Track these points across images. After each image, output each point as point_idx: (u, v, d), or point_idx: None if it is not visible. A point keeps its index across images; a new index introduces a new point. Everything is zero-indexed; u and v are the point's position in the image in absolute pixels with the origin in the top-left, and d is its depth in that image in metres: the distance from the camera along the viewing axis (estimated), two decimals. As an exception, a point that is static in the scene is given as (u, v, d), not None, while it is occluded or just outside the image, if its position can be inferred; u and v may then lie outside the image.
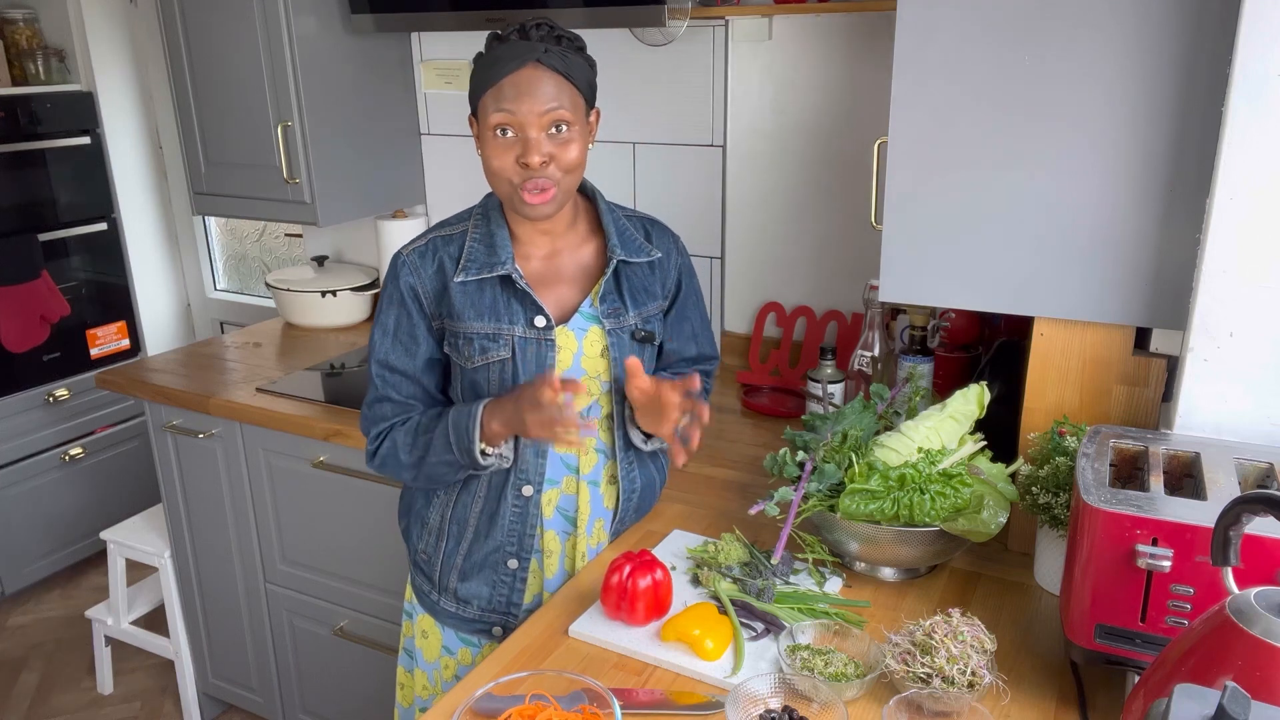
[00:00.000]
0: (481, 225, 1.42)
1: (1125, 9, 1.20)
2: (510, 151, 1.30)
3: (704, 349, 1.58)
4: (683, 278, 1.52)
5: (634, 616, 1.27)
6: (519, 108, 1.28)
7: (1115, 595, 1.04)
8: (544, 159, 1.29)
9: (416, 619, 1.57)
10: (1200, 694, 0.71)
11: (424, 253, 1.41)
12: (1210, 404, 1.21)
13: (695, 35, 2.21)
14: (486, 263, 1.38)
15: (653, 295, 1.47)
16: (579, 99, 1.33)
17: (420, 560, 1.52)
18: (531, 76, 1.28)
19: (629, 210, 1.51)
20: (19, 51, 3.23)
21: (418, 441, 1.40)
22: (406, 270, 1.41)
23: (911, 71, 1.33)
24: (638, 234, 1.46)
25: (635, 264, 1.44)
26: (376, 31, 2.43)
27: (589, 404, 1.44)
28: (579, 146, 1.33)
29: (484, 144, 1.33)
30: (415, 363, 1.42)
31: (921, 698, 1.06)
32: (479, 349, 1.38)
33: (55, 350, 3.27)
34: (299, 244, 3.30)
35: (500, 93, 1.28)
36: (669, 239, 1.51)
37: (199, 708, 2.69)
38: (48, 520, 3.32)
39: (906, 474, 1.31)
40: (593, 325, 1.42)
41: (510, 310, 1.38)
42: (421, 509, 1.51)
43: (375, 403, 1.44)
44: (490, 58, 1.30)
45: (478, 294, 1.38)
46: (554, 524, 1.46)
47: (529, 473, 1.43)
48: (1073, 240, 1.30)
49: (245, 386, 2.30)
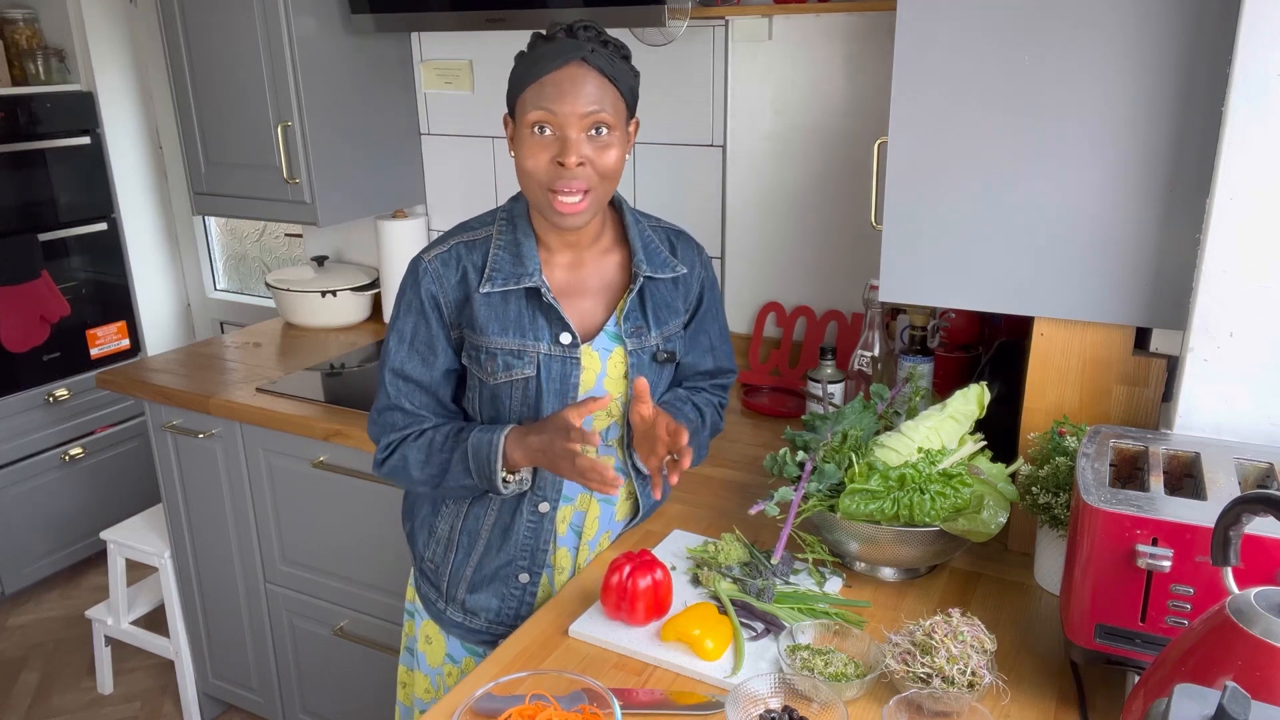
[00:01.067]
0: (507, 232, 1.37)
1: (1125, 9, 1.20)
2: (547, 151, 1.26)
3: (721, 362, 1.55)
4: (705, 291, 1.49)
5: (634, 616, 1.26)
6: (560, 107, 1.23)
7: (1115, 595, 1.04)
8: (581, 160, 1.25)
9: (420, 623, 1.55)
10: (1200, 694, 0.71)
11: (447, 260, 1.36)
12: (1210, 404, 1.21)
13: (695, 35, 2.21)
14: (513, 273, 1.33)
15: (675, 311, 1.44)
16: (621, 104, 1.29)
17: (427, 569, 1.50)
18: (575, 75, 1.24)
19: (655, 220, 1.47)
20: (19, 51, 3.23)
21: (431, 459, 1.36)
22: (429, 278, 1.35)
23: (911, 71, 1.33)
24: (663, 247, 1.43)
25: (660, 279, 1.41)
26: (376, 31, 2.43)
27: (608, 424, 1.42)
28: (618, 153, 1.29)
29: (519, 142, 1.28)
30: (432, 374, 1.38)
31: (921, 698, 1.06)
32: (503, 365, 1.34)
33: (55, 350, 3.27)
34: (299, 244, 3.30)
35: (542, 90, 1.24)
36: (694, 251, 1.48)
37: (199, 708, 2.69)
38: (48, 520, 3.31)
39: (906, 474, 1.31)
40: (616, 346, 1.39)
41: (535, 325, 1.34)
42: (429, 516, 1.49)
43: (386, 410, 1.39)
44: (534, 55, 1.26)
45: (502, 306, 1.34)
46: (566, 540, 1.45)
47: (546, 490, 1.40)
48: (1073, 240, 1.30)
49: (245, 386, 2.30)
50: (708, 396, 1.55)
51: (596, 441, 1.24)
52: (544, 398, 1.35)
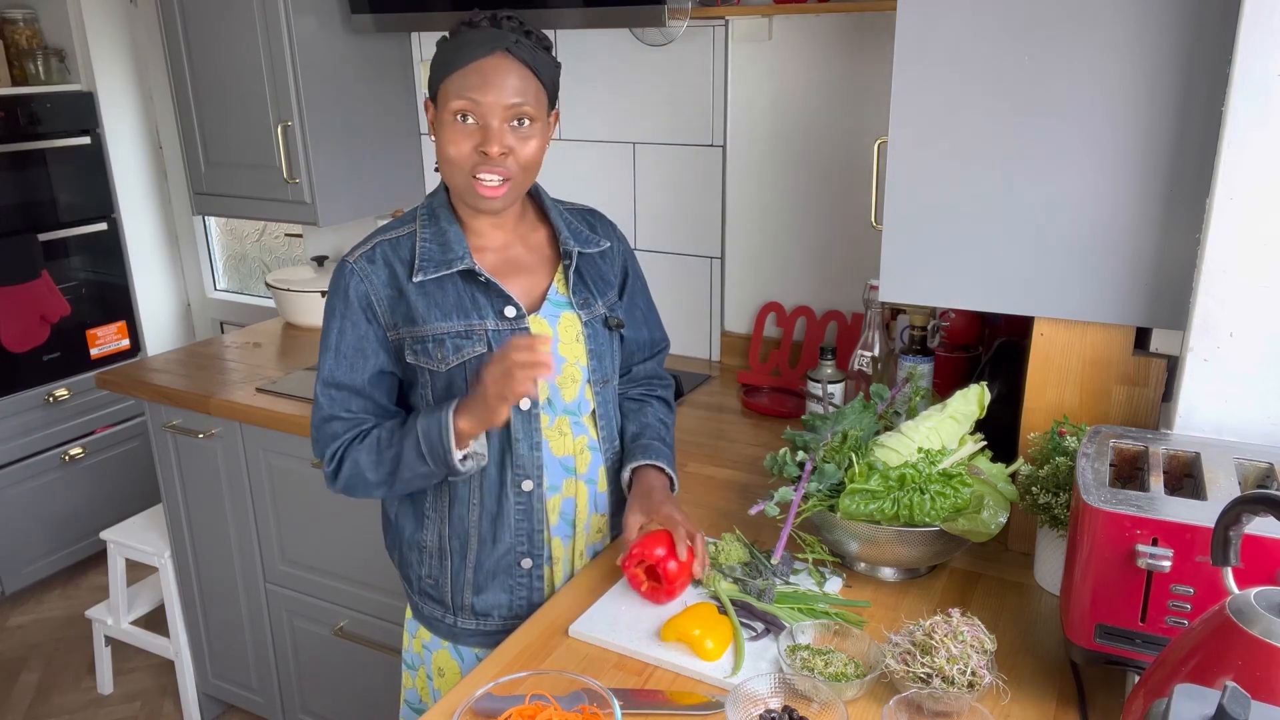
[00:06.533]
0: (430, 224, 1.38)
1: (1126, 9, 1.20)
2: (470, 139, 1.28)
3: (654, 332, 1.60)
4: (628, 263, 1.53)
5: (660, 595, 1.31)
6: (484, 97, 1.25)
7: (1115, 595, 1.04)
8: (504, 150, 1.27)
9: (430, 657, 1.51)
10: (1200, 694, 0.71)
11: (372, 257, 1.35)
12: (1210, 404, 1.21)
13: (695, 35, 2.21)
14: (443, 260, 1.34)
15: (609, 284, 1.48)
16: (543, 95, 1.31)
17: (427, 587, 1.47)
18: (499, 65, 1.26)
19: (567, 203, 1.50)
20: (19, 51, 3.23)
21: (383, 457, 1.34)
22: (356, 278, 1.34)
23: (911, 71, 1.33)
24: (582, 226, 1.46)
25: (588, 254, 1.44)
26: (376, 31, 2.44)
27: (575, 397, 1.43)
28: (539, 143, 1.32)
29: (441, 129, 1.30)
30: (362, 377, 1.36)
31: (921, 698, 1.06)
32: (452, 348, 1.34)
33: (55, 350, 3.27)
34: (299, 244, 3.30)
35: (465, 78, 1.26)
36: (610, 227, 1.52)
37: (199, 708, 2.69)
38: (48, 520, 3.32)
39: (906, 474, 1.31)
40: (564, 311, 1.41)
41: (477, 305, 1.35)
42: (414, 534, 1.45)
43: (324, 423, 1.37)
44: (457, 42, 1.28)
45: (439, 293, 1.34)
46: (559, 530, 1.45)
47: (526, 467, 1.39)
48: (1073, 240, 1.30)
49: (245, 386, 2.30)
50: (656, 409, 1.58)
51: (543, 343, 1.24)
52: None
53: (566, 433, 1.42)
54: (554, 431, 1.41)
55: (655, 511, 1.37)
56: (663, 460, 1.48)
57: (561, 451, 1.42)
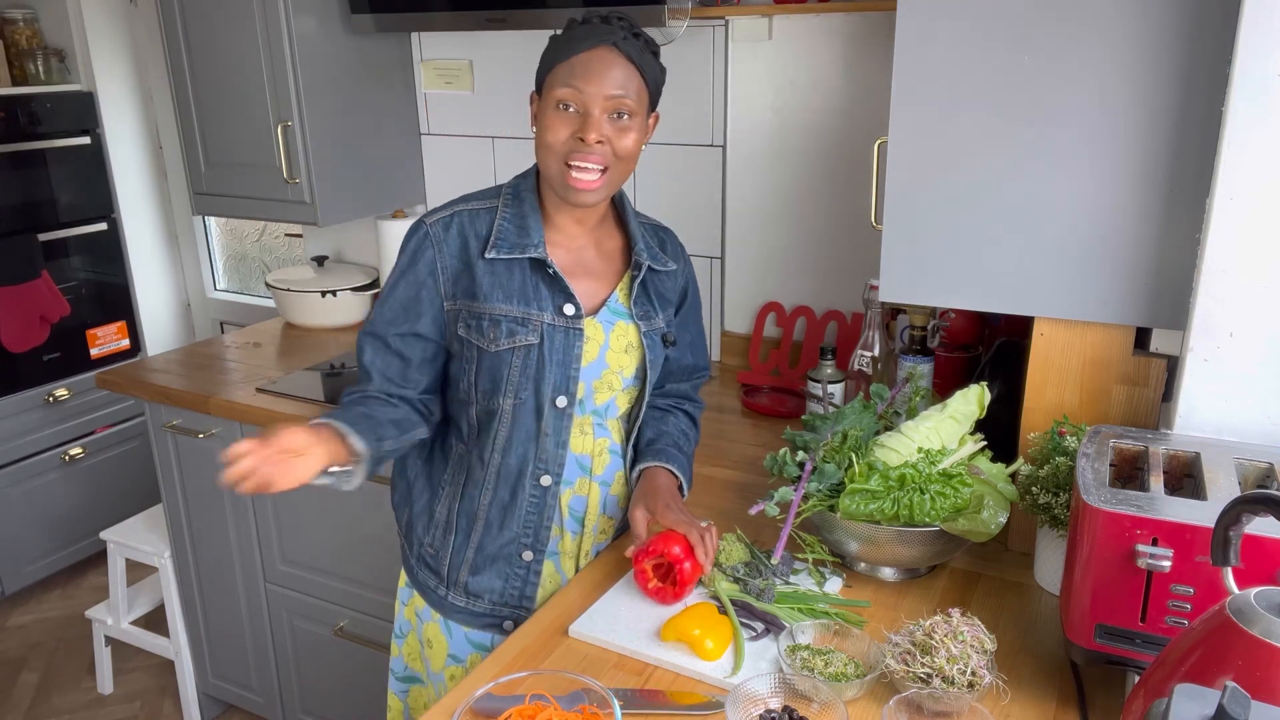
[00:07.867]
0: (513, 205, 1.38)
1: (1126, 9, 1.20)
2: (568, 126, 1.29)
3: (699, 359, 1.60)
4: (689, 288, 1.54)
5: (671, 597, 1.31)
6: (586, 86, 1.27)
7: (1115, 595, 1.04)
8: (601, 139, 1.28)
9: (423, 627, 1.52)
10: (1200, 694, 0.71)
11: (449, 224, 1.37)
12: (1210, 404, 1.21)
13: (695, 35, 2.21)
14: (518, 243, 1.35)
15: (669, 302, 1.48)
16: (645, 94, 1.32)
17: (427, 555, 1.49)
18: (604, 57, 1.27)
19: (644, 217, 1.51)
20: (19, 51, 3.23)
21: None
22: (428, 242, 1.36)
23: (911, 71, 1.33)
24: (654, 242, 1.47)
25: (657, 271, 1.45)
26: (376, 31, 2.43)
27: (606, 401, 1.43)
28: (636, 138, 1.32)
29: (542, 117, 1.31)
30: (398, 331, 1.37)
31: (921, 698, 1.06)
32: (506, 331, 1.35)
33: (55, 350, 3.27)
34: (299, 244, 3.30)
35: (570, 69, 1.28)
36: (680, 249, 1.52)
37: (199, 708, 2.69)
38: (48, 520, 3.32)
39: (906, 474, 1.31)
40: (619, 320, 1.42)
41: (539, 295, 1.36)
42: (429, 502, 1.48)
43: (361, 369, 1.40)
44: (566, 36, 1.30)
45: (506, 275, 1.35)
46: (569, 525, 1.45)
47: (549, 463, 1.40)
48: (1073, 240, 1.30)
49: (245, 386, 2.30)
50: (679, 420, 1.58)
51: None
52: (545, 367, 1.36)
53: (588, 432, 1.43)
54: (575, 429, 1.42)
55: (664, 511, 1.35)
56: (675, 465, 1.47)
57: (580, 450, 1.43)
